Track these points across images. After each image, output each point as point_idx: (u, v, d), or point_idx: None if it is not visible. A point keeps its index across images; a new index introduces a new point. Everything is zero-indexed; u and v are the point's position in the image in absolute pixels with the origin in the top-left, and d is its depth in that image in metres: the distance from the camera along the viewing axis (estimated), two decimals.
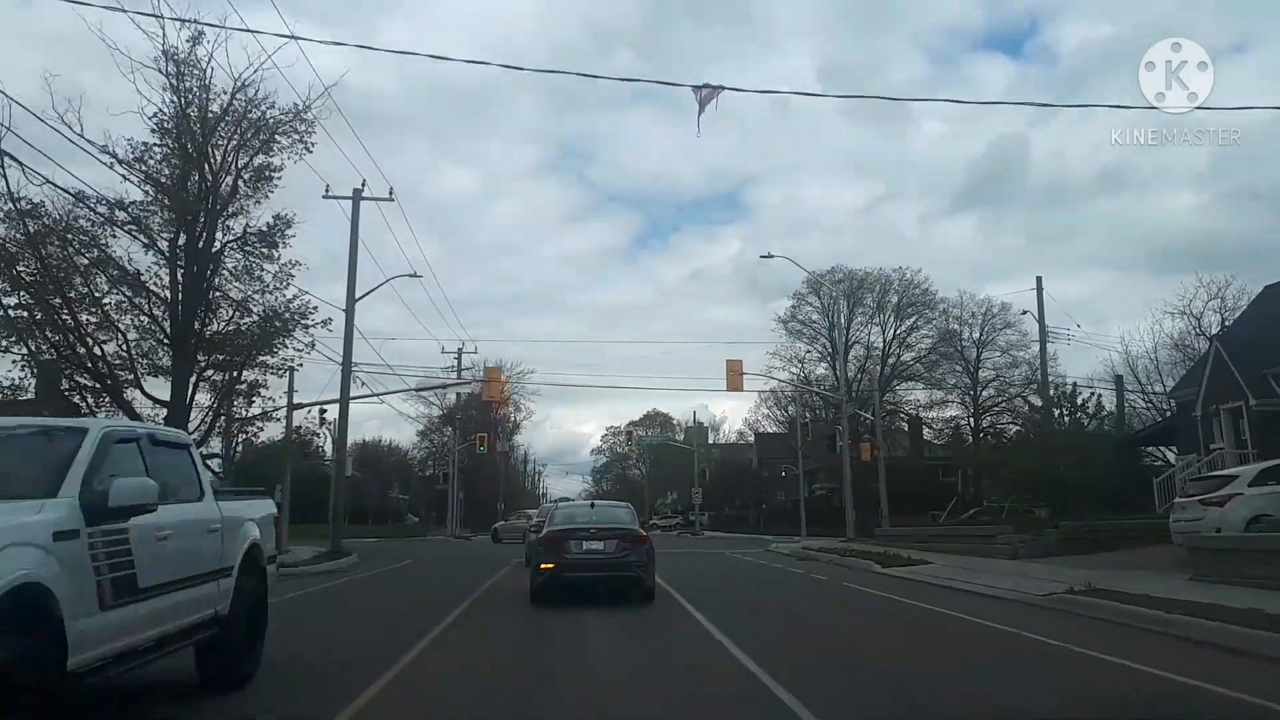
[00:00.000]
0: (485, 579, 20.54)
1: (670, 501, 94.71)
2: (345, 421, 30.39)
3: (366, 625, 12.71)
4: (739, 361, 33.77)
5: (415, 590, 19.09)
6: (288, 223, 30.70)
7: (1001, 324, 57.88)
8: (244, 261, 30.82)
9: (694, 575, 21.02)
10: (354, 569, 25.35)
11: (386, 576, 23.20)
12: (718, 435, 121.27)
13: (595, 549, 13.82)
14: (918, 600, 14.72)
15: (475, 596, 16.28)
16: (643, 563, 13.94)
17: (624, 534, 14.09)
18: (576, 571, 13.77)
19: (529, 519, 45.99)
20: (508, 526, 47.34)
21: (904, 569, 20.11)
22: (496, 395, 31.48)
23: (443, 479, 61.18)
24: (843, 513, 66.19)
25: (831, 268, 59.45)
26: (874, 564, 21.40)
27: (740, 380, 33.96)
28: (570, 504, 20.50)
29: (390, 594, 18.41)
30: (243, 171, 30.52)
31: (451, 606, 13.98)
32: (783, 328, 60.16)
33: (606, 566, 13.78)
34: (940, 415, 59.39)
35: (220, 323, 30.85)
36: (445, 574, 23.87)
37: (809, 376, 60.68)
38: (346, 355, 30.40)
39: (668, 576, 18.03)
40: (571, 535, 14.05)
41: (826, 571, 21.71)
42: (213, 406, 29.77)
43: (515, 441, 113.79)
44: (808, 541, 35.88)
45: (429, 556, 31.87)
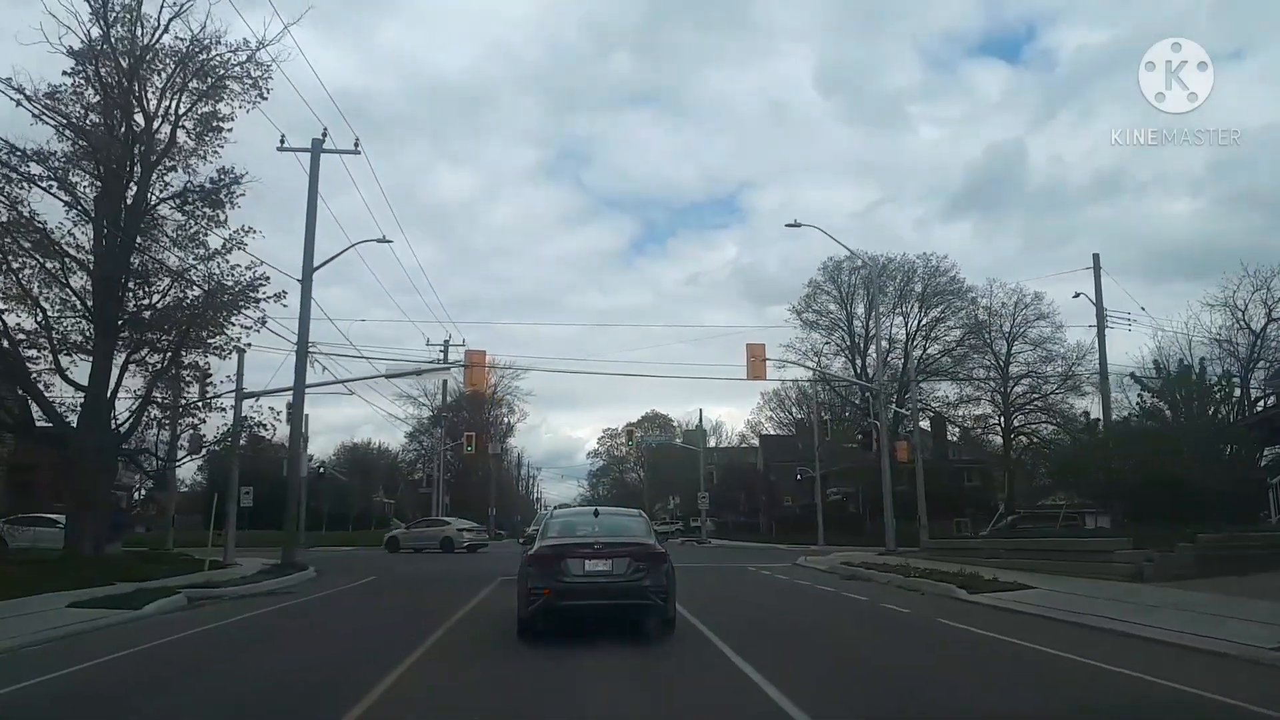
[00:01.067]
0: (460, 603, 16.18)
1: (672, 507, 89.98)
2: (300, 410, 25.72)
3: (272, 684, 8.66)
4: (761, 346, 29.22)
5: (367, 620, 14.70)
6: (235, 179, 26.08)
7: (1034, 315, 53.47)
8: (185, 225, 26.38)
9: (722, 601, 16.58)
10: (302, 588, 20.71)
11: (339, 599, 18.64)
12: (719, 438, 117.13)
13: (601, 570, 10.79)
14: (1057, 648, 10.20)
15: (438, 636, 11.95)
16: (661, 587, 10.89)
17: (637, 550, 11.04)
18: (577, 599, 10.71)
19: (446, 525, 42.17)
20: (411, 535, 42.71)
21: (999, 596, 15.49)
22: (480, 383, 26.95)
23: (426, 482, 56.31)
24: (861, 520, 62.07)
25: (850, 253, 54.77)
26: (954, 588, 16.75)
27: (763, 367, 29.38)
28: (569, 511, 16.29)
29: (332, 626, 13.94)
30: (184, 119, 26.04)
31: (405, 649, 10.33)
32: (797, 318, 55.54)
33: (615, 592, 10.72)
34: (969, 413, 54.71)
35: (155, 295, 26.40)
36: (412, 595, 19.37)
37: (825, 371, 55.97)
38: (302, 333, 25.76)
39: (688, 602, 13.83)
40: (571, 551, 10.97)
41: (893, 596, 17.08)
42: (144, 393, 25.19)
43: (509, 445, 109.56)
44: (842, 554, 31.23)
45: (401, 570, 27.20)
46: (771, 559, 33.42)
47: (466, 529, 42.34)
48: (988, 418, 54.70)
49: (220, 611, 15.57)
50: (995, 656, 10.30)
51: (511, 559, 33.40)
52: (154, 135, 25.40)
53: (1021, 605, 14.34)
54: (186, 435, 27.44)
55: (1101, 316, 35.00)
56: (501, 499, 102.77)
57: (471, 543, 41.11)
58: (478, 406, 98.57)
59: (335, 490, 67.84)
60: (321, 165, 26.56)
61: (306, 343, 25.75)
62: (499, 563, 28.46)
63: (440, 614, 14.21)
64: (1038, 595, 15.21)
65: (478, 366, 27.63)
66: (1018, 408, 54.36)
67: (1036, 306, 53.17)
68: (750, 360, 29.32)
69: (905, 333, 55.40)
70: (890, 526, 32.38)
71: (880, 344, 39.90)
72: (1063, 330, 52.92)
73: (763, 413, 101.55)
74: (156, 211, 25.68)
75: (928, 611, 14.44)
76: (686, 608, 14.10)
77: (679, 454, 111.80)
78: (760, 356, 29.45)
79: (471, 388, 27.48)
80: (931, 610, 14.61)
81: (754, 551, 44.42)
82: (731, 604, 16.47)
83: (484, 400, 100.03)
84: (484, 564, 29.41)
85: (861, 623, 13.68)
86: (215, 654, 11.05)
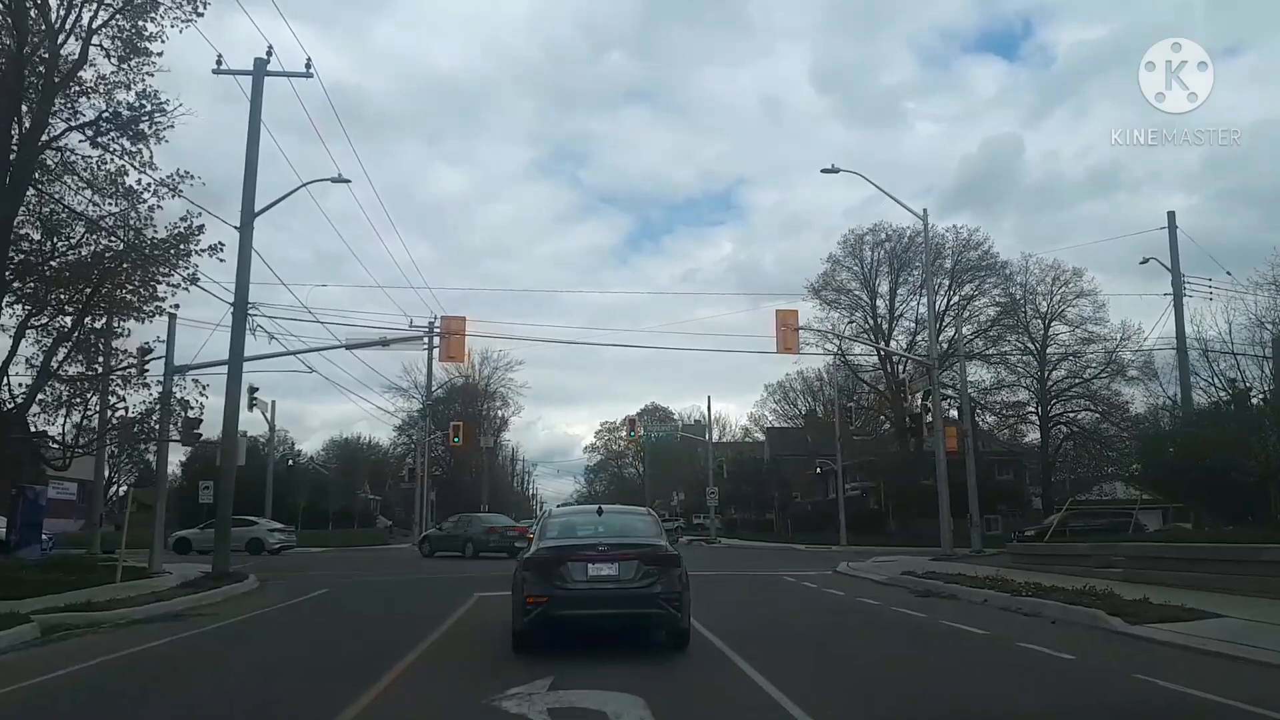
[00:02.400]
0: (426, 631, 11.95)
1: (677, 503, 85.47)
2: (237, 386, 21.02)
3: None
4: (793, 313, 24.65)
5: (292, 661, 10.30)
6: (159, 105, 21.45)
7: (1074, 293, 48.90)
8: (99, 161, 21.69)
9: (774, 631, 12.34)
10: (224, 608, 16.06)
11: (268, 622, 14.19)
12: (721, 432, 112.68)
13: (607, 574, 9.74)
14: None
15: (382, 686, 8.01)
16: (674, 594, 9.81)
17: (646, 553, 9.99)
18: (579, 608, 9.64)
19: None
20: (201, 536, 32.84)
21: (1180, 630, 10.87)
22: (460, 355, 22.30)
23: (408, 476, 51.56)
24: (883, 517, 57.13)
25: (873, 225, 50.20)
26: (1101, 614, 12.14)
27: (795, 338, 24.73)
28: (570, 510, 14.91)
29: (235, 672, 9.58)
30: (98, 34, 21.37)
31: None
32: (815, 297, 50.79)
33: (622, 600, 9.74)
34: (1006, 399, 50.01)
35: (63, 246, 21.72)
36: (368, 616, 14.98)
37: (845, 352, 51.34)
38: (241, 290, 21.11)
39: (727, 630, 11.40)
40: (572, 554, 9.89)
41: (1013, 626, 12.48)
42: (42, 363, 20.49)
43: (503, 440, 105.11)
44: (888, 558, 26.69)
45: (365, 579, 22.57)
46: (802, 563, 28.82)
47: (277, 529, 37.56)
48: (1023, 405, 49.99)
49: (74, 651, 10.95)
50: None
51: (494, 567, 28.82)
52: (58, 52, 20.73)
53: (1231, 646, 9.71)
54: (99, 417, 22.78)
55: (1179, 283, 30.43)
56: (495, 496, 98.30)
57: (282, 544, 36.13)
58: (470, 398, 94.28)
59: (314, 485, 63.13)
60: (305, 164, 21.82)
61: (246, 301, 21.10)
62: (486, 573, 23.87)
63: (398, 648, 10.24)
64: (1240, 628, 10.62)
65: (456, 336, 22.99)
66: (1055, 394, 49.72)
67: (1076, 283, 48.69)
68: (781, 330, 24.72)
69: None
70: (947, 526, 27.77)
71: (931, 315, 35.12)
72: (1105, 309, 48.46)
73: (766, 405, 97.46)
74: (62, 146, 21.02)
75: (1092, 653, 9.86)
76: (729, 643, 10.53)
77: (679, 449, 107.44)
78: (792, 325, 24.87)
79: (450, 359, 22.75)
80: (1094, 651, 10.04)
81: (773, 553, 39.80)
82: (791, 638, 11.89)
83: (476, 392, 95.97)
84: (466, 569, 24.80)
85: (1012, 675, 9.01)
86: (117, 691, 7.65)
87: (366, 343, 23.47)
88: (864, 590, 18.15)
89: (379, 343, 23.31)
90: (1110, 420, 48.16)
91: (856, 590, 18.07)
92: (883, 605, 15.29)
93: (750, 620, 13.69)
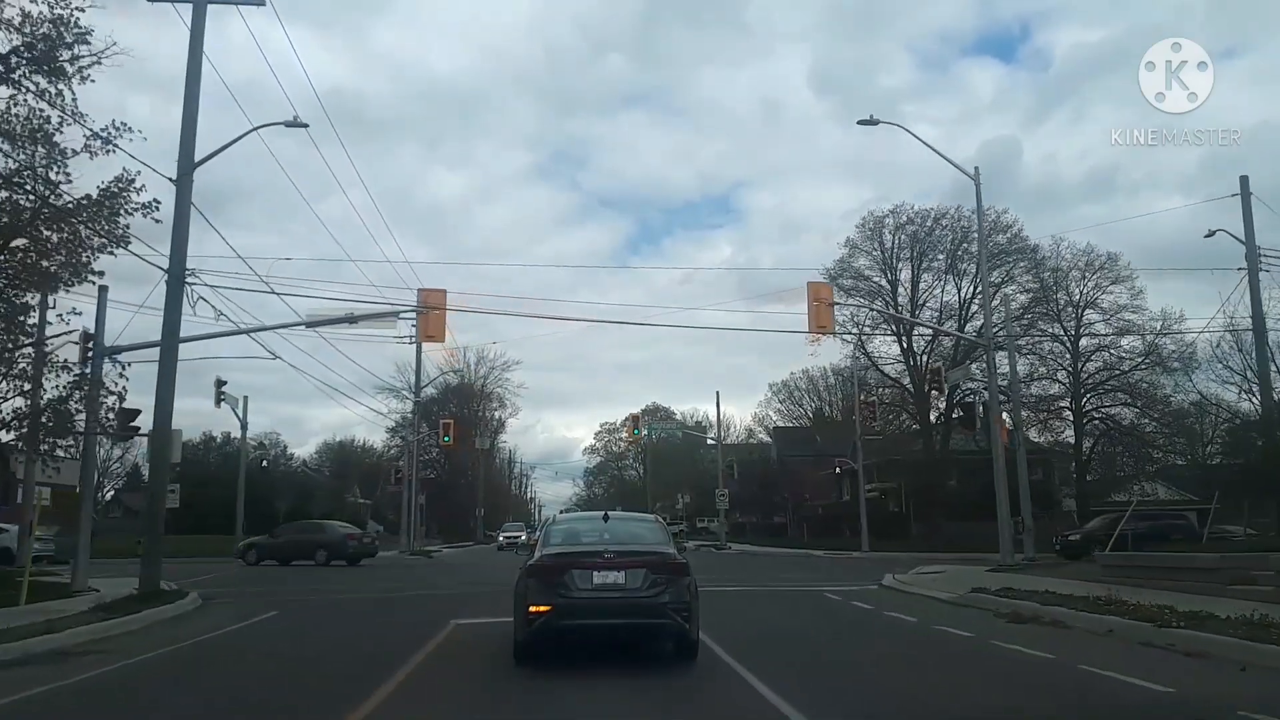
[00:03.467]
0: (375, 679, 8.49)
1: (682, 506, 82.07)
2: (172, 367, 17.50)
3: None
4: (827, 287, 21.19)
5: None
6: (80, 35, 18.05)
7: (1109, 279, 45.41)
8: (10, 102, 18.24)
9: (841, 671, 8.79)
10: (137, 641, 12.60)
11: (175, 665, 10.81)
12: (723, 433, 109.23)
13: (613, 583, 9.16)
14: None
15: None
16: (682, 604, 9.23)
17: (653, 560, 9.42)
18: (584, 618, 9.10)
19: None
20: None
21: None
22: (439, 333, 18.83)
23: (394, 477, 47.98)
24: (904, 520, 53.39)
25: (894, 207, 46.70)
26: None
27: (829, 315, 21.20)
28: (574, 516, 15.48)
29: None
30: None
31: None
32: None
33: (628, 610, 9.15)
34: (1041, 392, 46.38)
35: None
36: (315, 651, 11.38)
37: (865, 344, 47.78)
38: (178, 252, 17.64)
39: (775, 666, 9.45)
40: (577, 562, 9.34)
41: (1178, 670, 9.03)
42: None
43: (501, 442, 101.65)
44: (940, 568, 23.26)
45: (328, 599, 19.05)
46: (831, 574, 25.41)
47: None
48: (1055, 399, 46.38)
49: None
50: None
51: (477, 574, 25.33)
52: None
53: None
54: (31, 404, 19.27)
55: (1254, 256, 27.00)
56: (493, 499, 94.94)
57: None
58: (465, 399, 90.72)
59: (297, 488, 59.56)
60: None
61: (183, 267, 17.63)
62: (468, 582, 20.40)
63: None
64: None
65: (435, 312, 19.53)
66: (1090, 388, 46.23)
67: (1112, 269, 45.18)
68: (814, 305, 21.21)
69: (959, 299, 47.27)
70: (1007, 532, 24.23)
71: (985, 278, 31.39)
72: (1142, 296, 44.99)
73: (770, 405, 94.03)
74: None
75: None
76: (795, 701, 7.49)
77: (681, 451, 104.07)
78: (826, 300, 21.39)
79: (429, 339, 19.28)
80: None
81: (792, 561, 36.29)
82: (887, 693, 8.42)
83: (472, 393, 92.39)
84: (449, 584, 21.35)
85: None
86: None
87: (331, 319, 19.98)
88: (937, 614, 14.67)
89: (345, 319, 19.83)
90: (1150, 415, 44.72)
91: (928, 615, 14.58)
92: (978, 639, 11.79)
93: (810, 659, 10.29)
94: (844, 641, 12.17)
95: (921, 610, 15.36)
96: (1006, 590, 16.09)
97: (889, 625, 13.78)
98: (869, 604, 16.19)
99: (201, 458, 66.63)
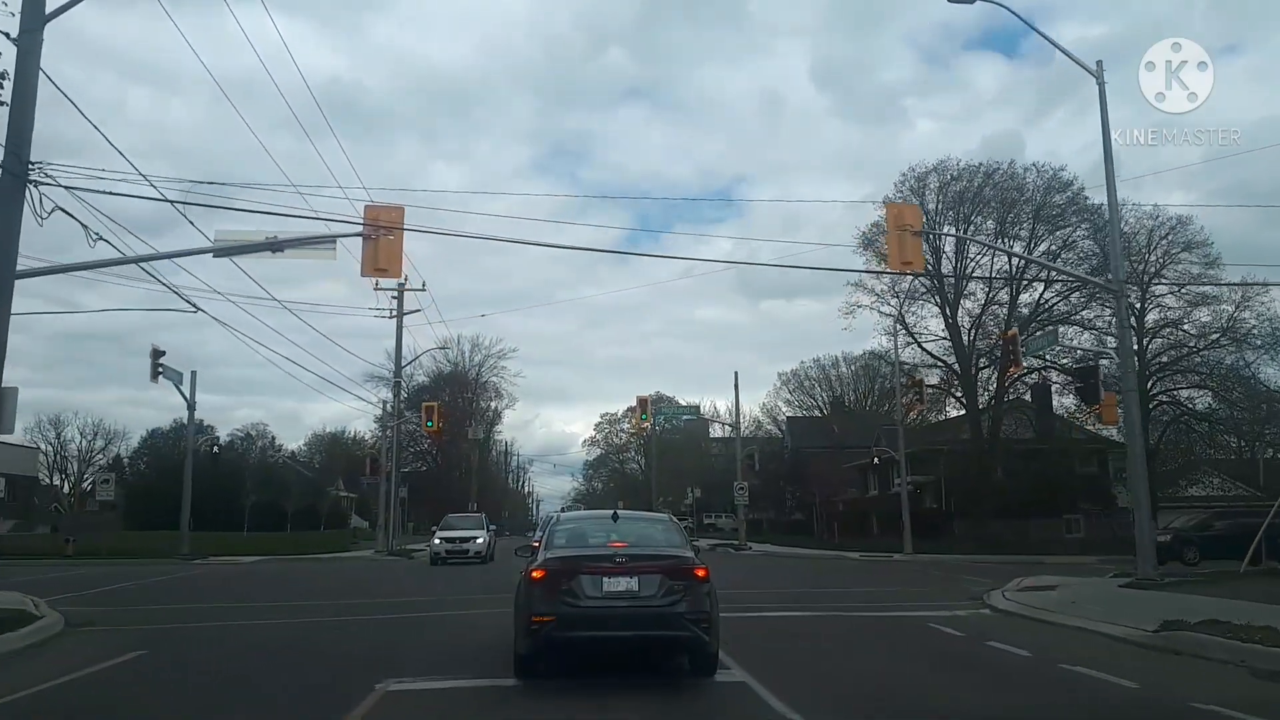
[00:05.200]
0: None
1: (692, 500, 77.03)
2: (7, 301, 12.23)
3: None
4: (913, 208, 16.21)
5: None
6: None
7: (1179, 244, 40.19)
8: None
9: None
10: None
11: None
12: (728, 425, 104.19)
13: (625, 590, 8.33)
14: None
15: None
16: (702, 614, 8.39)
17: (671, 565, 8.58)
18: (591, 629, 8.25)
19: None
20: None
21: None
22: (392, 265, 13.79)
23: (369, 468, 42.67)
24: (946, 518, 47.32)
25: (938, 162, 41.23)
26: None
27: (916, 247, 15.73)
28: (580, 515, 12.74)
29: None
30: None
31: None
32: (866, 250, 41.96)
33: (641, 620, 8.30)
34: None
35: None
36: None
37: (904, 315, 42.43)
38: (16, 139, 12.38)
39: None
40: (585, 566, 8.45)
41: None
42: None
43: (497, 435, 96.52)
44: (1056, 581, 17.94)
45: (229, 626, 13.72)
46: (904, 588, 20.20)
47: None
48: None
49: None
50: None
51: (456, 583, 20.04)
52: None
53: None
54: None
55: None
56: (488, 494, 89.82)
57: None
58: (459, 387, 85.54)
59: (272, 482, 54.27)
60: None
61: (26, 156, 12.35)
62: (439, 597, 15.05)
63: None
64: None
65: (387, 235, 14.26)
66: (1157, 369, 41.01)
67: (1183, 233, 39.95)
68: (895, 236, 15.88)
69: (1010, 270, 41.97)
70: (1147, 534, 18.63)
71: (1115, 218, 26.05)
72: (1219, 265, 39.79)
73: (779, 395, 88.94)
74: None
75: None
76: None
77: (685, 443, 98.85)
78: (912, 225, 16.00)
79: (378, 273, 13.97)
80: None
81: (828, 566, 31.09)
82: None
83: (466, 382, 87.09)
84: (408, 592, 16.08)
85: None
86: None
87: (246, 246, 14.68)
88: (1159, 674, 9.38)
89: (265, 246, 14.51)
90: (1226, 399, 39.58)
91: (1146, 674, 9.23)
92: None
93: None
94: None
95: (1110, 659, 10.08)
96: (1215, 625, 10.88)
97: (1101, 696, 8.52)
98: (1021, 648, 10.89)
99: (172, 448, 61.74)
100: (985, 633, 12.28)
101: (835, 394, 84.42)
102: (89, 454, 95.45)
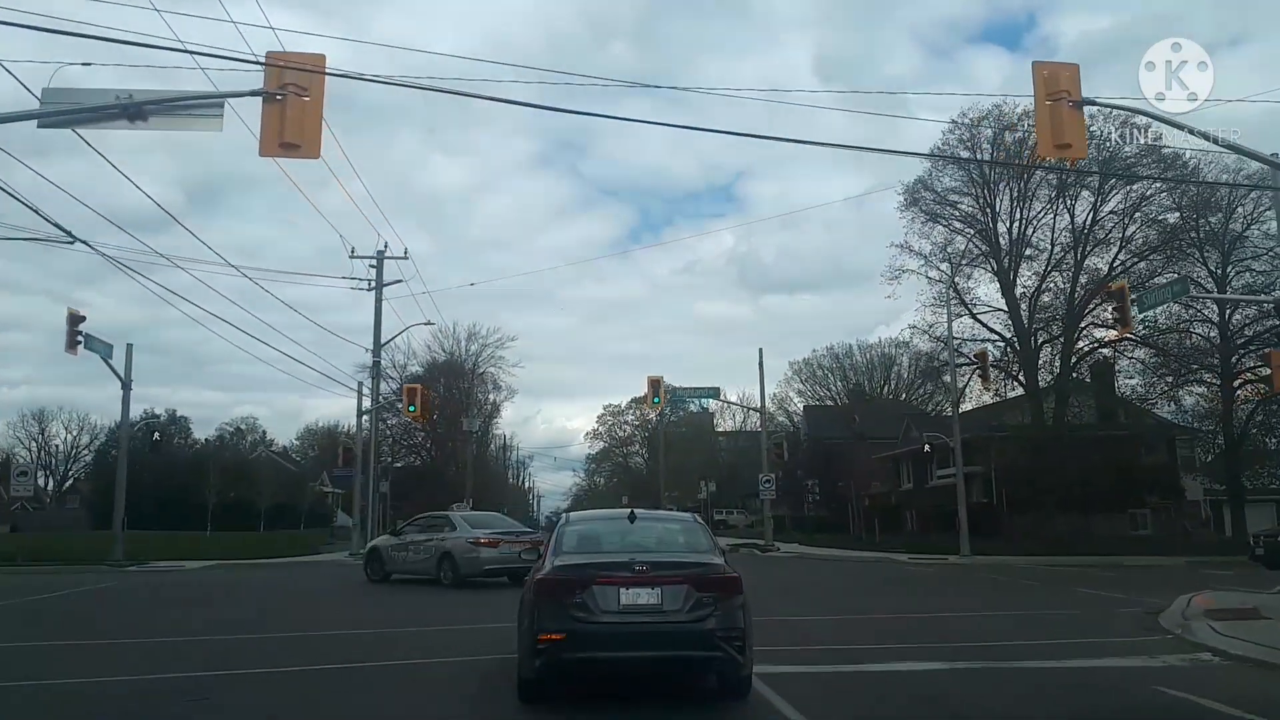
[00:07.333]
0: None
1: (705, 495, 72.53)
2: None
3: None
4: (1071, 68, 11.41)
5: None
6: None
7: (1268, 201, 35.09)
8: None
9: None
10: None
11: None
12: (734, 419, 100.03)
13: (645, 604, 7.26)
14: None
15: None
16: (735, 631, 7.33)
17: (697, 575, 7.47)
18: (607, 650, 7.16)
19: None
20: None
21: None
22: (309, 139, 8.87)
23: (342, 458, 37.69)
24: (997, 514, 41.46)
25: (996, 105, 35.82)
26: None
27: (1079, 126, 11.16)
28: (592, 516, 10.85)
29: None
30: None
31: None
32: (911, 207, 36.91)
33: (666, 640, 7.24)
34: (1175, 351, 36.17)
35: None
36: None
37: (956, 282, 37.31)
38: None
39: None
40: (599, 575, 7.41)
41: None
42: None
43: (496, 429, 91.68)
44: (1214, 594, 12.94)
45: (95, 680, 8.77)
46: (1026, 611, 15.27)
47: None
48: (1201, 355, 36.07)
49: None
50: None
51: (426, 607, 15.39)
52: None
53: None
54: None
55: None
56: (486, 490, 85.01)
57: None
58: (455, 377, 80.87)
59: (243, 477, 49.36)
60: None
61: None
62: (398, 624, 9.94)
63: None
64: None
65: (298, 94, 9.35)
66: (1241, 344, 36.04)
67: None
68: (1047, 105, 11.14)
69: (1073, 232, 36.87)
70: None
71: None
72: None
73: (790, 385, 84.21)
74: None
75: None
76: None
77: (691, 437, 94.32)
78: (1072, 94, 11.28)
79: (287, 149, 8.98)
80: None
81: (885, 573, 26.10)
82: None
83: (462, 372, 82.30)
84: (358, 621, 11.04)
85: None
86: None
87: (86, 111, 9.56)
88: None
89: (115, 108, 9.45)
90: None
91: None
92: None
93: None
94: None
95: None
96: None
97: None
98: None
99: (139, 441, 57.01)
100: (1257, 702, 7.30)
101: (851, 383, 79.87)
102: (75, 450, 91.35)
